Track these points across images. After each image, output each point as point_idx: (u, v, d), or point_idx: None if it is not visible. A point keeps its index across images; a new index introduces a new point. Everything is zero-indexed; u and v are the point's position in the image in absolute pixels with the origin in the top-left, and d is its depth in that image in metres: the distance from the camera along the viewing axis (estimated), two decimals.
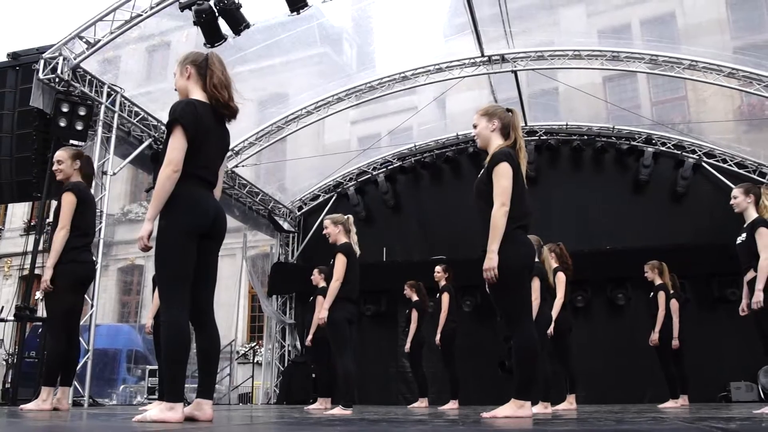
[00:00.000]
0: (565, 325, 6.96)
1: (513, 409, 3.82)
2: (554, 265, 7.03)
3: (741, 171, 11.41)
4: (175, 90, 3.59)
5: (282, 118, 11.97)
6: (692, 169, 11.53)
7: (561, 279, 6.95)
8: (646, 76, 12.20)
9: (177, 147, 3.25)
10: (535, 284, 6.10)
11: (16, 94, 8.43)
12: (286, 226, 13.22)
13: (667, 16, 12.05)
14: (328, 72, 12.57)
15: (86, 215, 5.09)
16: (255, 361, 15.20)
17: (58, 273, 4.89)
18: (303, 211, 13.89)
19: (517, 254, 3.90)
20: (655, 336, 7.78)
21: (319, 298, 8.11)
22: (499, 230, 3.85)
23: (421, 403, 8.84)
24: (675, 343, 7.79)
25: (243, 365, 16.74)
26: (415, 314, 8.94)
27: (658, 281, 7.96)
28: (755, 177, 11.11)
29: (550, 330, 6.77)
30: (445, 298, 8.55)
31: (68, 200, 4.98)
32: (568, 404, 6.89)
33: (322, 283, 8.23)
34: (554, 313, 6.80)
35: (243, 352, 17.44)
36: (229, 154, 11.53)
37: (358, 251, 6.00)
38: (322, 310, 5.73)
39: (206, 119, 3.38)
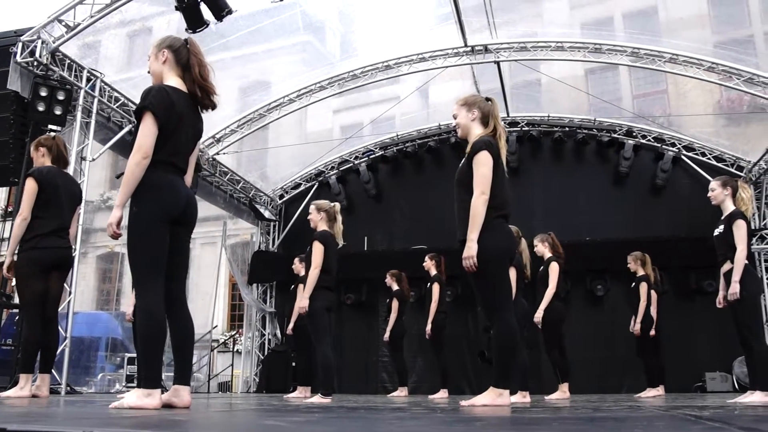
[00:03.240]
0: (558, 315, 6.98)
1: (492, 398, 3.85)
2: (548, 254, 7.08)
3: (719, 164, 11.52)
4: (149, 73, 3.56)
5: (264, 106, 11.91)
6: (672, 162, 11.63)
7: (554, 268, 6.98)
8: (627, 69, 12.24)
9: (147, 133, 3.23)
10: (512, 274, 6.12)
11: None
12: (267, 214, 13.17)
13: (650, 9, 12.08)
14: (311, 60, 12.49)
15: (51, 199, 4.98)
16: (235, 349, 15.16)
17: (21, 259, 4.84)
18: (284, 199, 13.85)
19: (497, 243, 3.92)
20: (637, 326, 7.86)
21: (301, 286, 8.09)
22: (478, 219, 3.86)
23: (401, 392, 8.87)
24: (652, 332, 7.88)
25: (223, 354, 16.69)
26: (395, 303, 8.95)
27: (640, 272, 8.02)
28: (733, 170, 11.24)
29: (538, 318, 6.81)
30: (436, 288, 8.55)
31: (27, 186, 4.92)
32: (561, 393, 6.92)
33: (303, 272, 8.20)
34: (545, 302, 6.84)
35: (223, 340, 17.38)
36: (210, 141, 11.52)
37: (341, 241, 5.97)
38: (302, 299, 5.71)
39: (179, 106, 3.35)
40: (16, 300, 7.37)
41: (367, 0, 11.30)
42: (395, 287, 9.08)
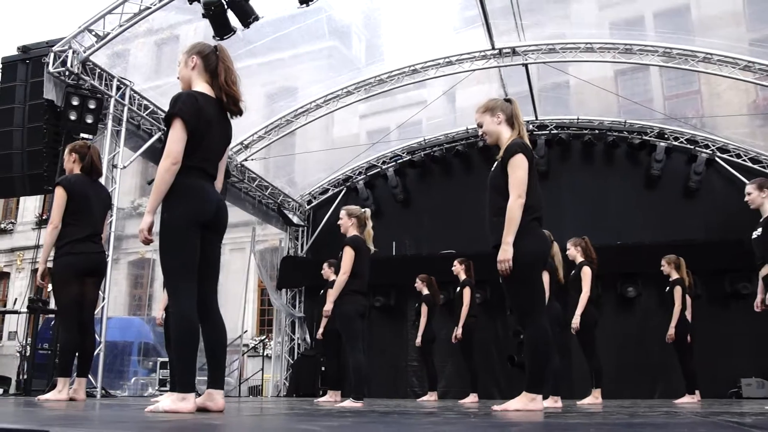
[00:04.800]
0: (591, 318, 6.90)
1: (524, 403, 3.81)
2: (580, 258, 7.01)
3: (755, 166, 11.29)
4: (178, 79, 3.58)
5: (291, 112, 11.96)
6: (705, 164, 11.42)
7: (587, 273, 6.90)
8: (658, 70, 12.09)
9: (176, 139, 3.25)
10: (545, 278, 6.07)
11: (26, 87, 8.44)
12: (295, 219, 13.22)
13: (682, 8, 11.92)
14: (337, 65, 12.53)
15: (82, 207, 5.03)
16: (264, 354, 15.23)
17: (57, 265, 4.91)
18: (312, 204, 13.88)
19: (533, 247, 3.88)
20: (671, 331, 7.70)
21: (330, 291, 8.10)
22: (515, 222, 3.82)
23: (430, 397, 8.83)
24: (688, 338, 7.74)
25: (253, 358, 16.78)
26: (425, 308, 8.91)
27: (674, 276, 7.87)
28: None
29: (576, 324, 6.74)
30: (467, 292, 8.50)
31: (57, 195, 4.98)
32: (594, 398, 6.84)
33: (333, 277, 8.21)
34: (580, 307, 6.77)
35: (253, 345, 17.47)
36: (238, 147, 11.59)
37: (372, 246, 5.94)
38: (327, 303, 5.70)
39: (208, 111, 3.37)
40: (52, 305, 7.51)
41: (392, 4, 11.31)
42: (425, 291, 9.04)
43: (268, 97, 12.69)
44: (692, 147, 11.68)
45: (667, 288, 7.92)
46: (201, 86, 3.46)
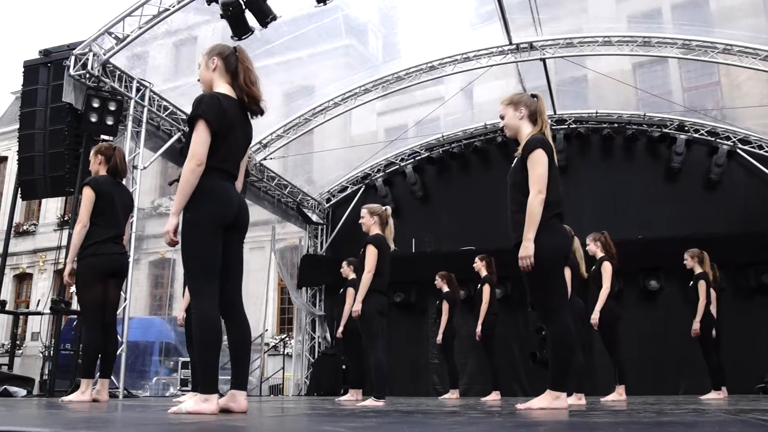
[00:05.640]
0: (613, 314, 6.84)
1: (548, 401, 3.78)
2: (600, 254, 6.95)
3: None
4: (198, 81, 3.59)
5: (309, 111, 11.98)
6: (726, 156, 11.30)
7: (607, 268, 6.85)
8: (677, 62, 11.95)
9: (200, 141, 3.26)
10: (566, 274, 6.02)
11: (48, 90, 8.51)
12: (314, 218, 13.24)
13: None
14: (355, 63, 12.54)
15: (107, 208, 5.08)
16: (285, 352, 15.30)
17: (80, 266, 4.95)
18: (331, 203, 13.90)
19: (554, 243, 3.85)
20: (696, 326, 7.61)
21: (350, 290, 8.10)
22: (535, 218, 3.79)
23: (452, 395, 8.80)
24: (713, 332, 7.65)
25: (273, 357, 16.85)
26: (446, 305, 8.88)
27: (698, 270, 7.77)
28: None
29: (595, 319, 6.69)
30: (486, 289, 8.45)
31: (85, 194, 5.03)
32: (618, 395, 6.77)
33: (352, 275, 8.22)
34: (600, 303, 6.72)
35: (273, 344, 17.54)
36: (257, 146, 11.63)
37: (392, 244, 5.93)
38: (356, 303, 5.69)
39: (230, 112, 3.38)
40: (74, 306, 7.58)
41: (408, 1, 11.28)
42: (445, 289, 9.01)
43: (286, 96, 12.71)
44: (713, 139, 11.54)
45: (691, 282, 7.82)
46: (222, 87, 3.47)
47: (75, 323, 8.68)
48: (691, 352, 8.10)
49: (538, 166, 3.87)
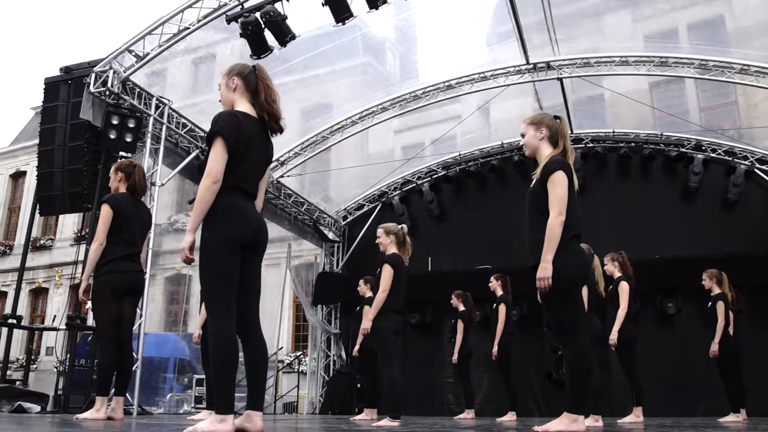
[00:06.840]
0: (630, 335, 6.78)
1: (566, 423, 3.74)
2: (617, 274, 6.90)
3: None
4: (220, 101, 3.61)
5: (326, 128, 12.03)
6: (744, 176, 11.21)
7: (624, 288, 6.79)
8: (694, 82, 11.91)
9: (217, 159, 3.25)
10: (584, 293, 5.97)
11: (68, 107, 8.62)
12: (331, 235, 13.26)
13: (716, 19, 11.77)
14: (372, 81, 12.61)
15: (125, 226, 5.10)
16: (300, 370, 15.27)
17: (96, 284, 4.97)
18: (348, 220, 13.91)
19: (572, 264, 3.82)
20: (714, 347, 7.53)
21: (366, 308, 8.09)
22: (555, 240, 3.77)
23: (468, 415, 8.74)
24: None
25: (288, 374, 16.82)
26: (460, 324, 8.84)
27: (716, 290, 7.69)
28: None
29: (613, 340, 6.63)
30: (502, 309, 8.41)
31: (103, 212, 5.05)
32: (635, 417, 6.69)
33: (369, 293, 8.20)
34: (618, 323, 6.66)
35: (288, 361, 17.51)
36: (274, 164, 11.67)
37: (407, 262, 5.93)
38: (365, 321, 5.68)
39: (248, 130, 3.38)
40: (90, 322, 7.61)
41: (426, 20, 11.34)
42: (461, 308, 8.98)
43: (304, 113, 12.80)
44: (730, 159, 11.46)
45: (710, 303, 7.74)
46: (243, 106, 3.47)
47: (90, 338, 8.71)
48: (709, 373, 8.00)
49: (559, 187, 3.86)
